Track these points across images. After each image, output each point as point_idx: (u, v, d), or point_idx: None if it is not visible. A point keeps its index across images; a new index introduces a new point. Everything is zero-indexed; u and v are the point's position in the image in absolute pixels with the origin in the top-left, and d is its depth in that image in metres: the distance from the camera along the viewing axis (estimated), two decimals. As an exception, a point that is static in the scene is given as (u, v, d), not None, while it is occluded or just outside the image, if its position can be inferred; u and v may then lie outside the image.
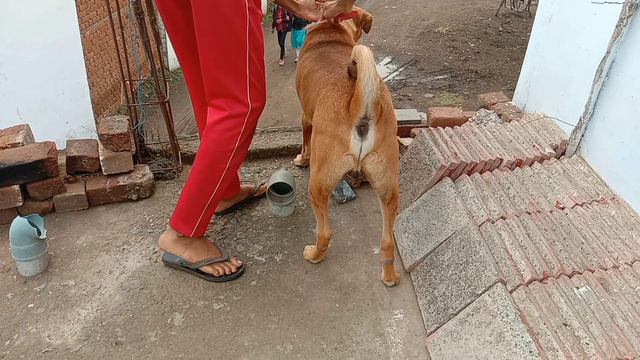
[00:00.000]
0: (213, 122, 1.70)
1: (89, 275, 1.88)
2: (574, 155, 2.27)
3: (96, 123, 5.74)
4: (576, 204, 1.97)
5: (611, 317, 1.52)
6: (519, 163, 2.18)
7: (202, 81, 1.73)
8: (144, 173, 2.29)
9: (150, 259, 1.96)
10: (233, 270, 1.88)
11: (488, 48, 10.17)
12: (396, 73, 9.21)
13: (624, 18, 1.95)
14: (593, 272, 1.68)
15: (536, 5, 4.40)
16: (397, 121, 1.71)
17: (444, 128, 2.27)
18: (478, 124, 2.54)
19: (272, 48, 9.75)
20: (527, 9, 11.96)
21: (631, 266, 1.73)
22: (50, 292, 1.80)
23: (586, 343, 1.43)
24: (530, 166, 2.17)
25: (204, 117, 1.92)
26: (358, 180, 2.39)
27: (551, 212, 1.92)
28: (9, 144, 2.14)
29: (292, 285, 1.88)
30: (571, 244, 1.78)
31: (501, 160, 2.14)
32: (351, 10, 1.90)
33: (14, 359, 1.56)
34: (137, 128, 2.37)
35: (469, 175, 2.07)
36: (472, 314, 1.56)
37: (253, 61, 1.65)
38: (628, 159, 2.00)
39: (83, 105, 5.83)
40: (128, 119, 2.33)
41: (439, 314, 1.68)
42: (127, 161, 2.24)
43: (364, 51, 1.42)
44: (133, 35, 2.18)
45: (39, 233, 1.80)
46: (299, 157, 2.57)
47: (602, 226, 1.88)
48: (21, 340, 1.62)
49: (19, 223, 1.78)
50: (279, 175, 2.17)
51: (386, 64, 9.59)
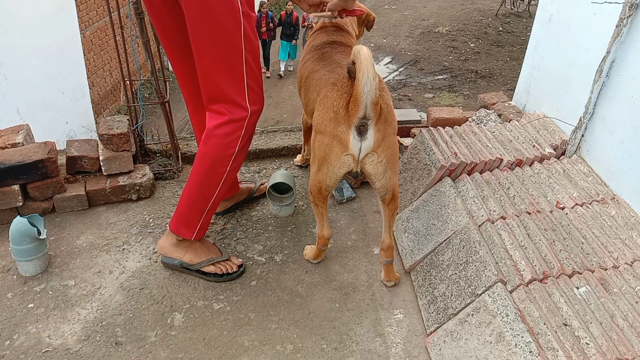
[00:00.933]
0: (213, 127, 1.69)
1: (89, 275, 1.88)
2: (574, 155, 2.27)
3: (96, 123, 5.73)
4: (576, 204, 1.97)
5: (611, 317, 1.52)
6: (519, 163, 2.18)
7: (195, 83, 1.72)
8: (144, 173, 2.29)
9: (150, 259, 1.96)
10: (234, 269, 1.88)
11: (488, 48, 10.18)
12: (396, 73, 9.22)
13: (624, 18, 1.95)
14: (593, 272, 1.68)
15: (536, 5, 4.40)
16: (397, 121, 1.70)
17: (444, 128, 2.27)
18: (478, 124, 2.54)
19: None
20: (527, 9, 11.98)
21: (631, 266, 1.73)
22: (50, 292, 1.80)
23: (586, 343, 1.43)
24: (530, 166, 2.17)
25: (199, 119, 1.92)
26: (358, 180, 2.39)
27: (551, 212, 1.92)
28: (9, 144, 2.14)
29: (292, 285, 1.88)
30: (571, 244, 1.78)
31: (501, 160, 2.14)
32: (353, 6, 1.89)
33: (14, 359, 1.56)
34: (137, 128, 2.37)
35: (469, 175, 2.07)
36: (472, 314, 1.56)
37: (249, 64, 1.64)
38: (628, 159, 2.00)
39: (83, 105, 5.82)
40: (128, 119, 2.33)
41: (439, 314, 1.68)
42: (127, 161, 2.24)
43: (363, 51, 1.42)
44: (133, 35, 2.18)
45: (39, 233, 1.80)
46: (299, 157, 2.57)
47: (602, 226, 1.88)
48: (21, 340, 1.62)
49: (19, 223, 1.78)
50: (279, 175, 2.17)
51: (386, 64, 9.59)
